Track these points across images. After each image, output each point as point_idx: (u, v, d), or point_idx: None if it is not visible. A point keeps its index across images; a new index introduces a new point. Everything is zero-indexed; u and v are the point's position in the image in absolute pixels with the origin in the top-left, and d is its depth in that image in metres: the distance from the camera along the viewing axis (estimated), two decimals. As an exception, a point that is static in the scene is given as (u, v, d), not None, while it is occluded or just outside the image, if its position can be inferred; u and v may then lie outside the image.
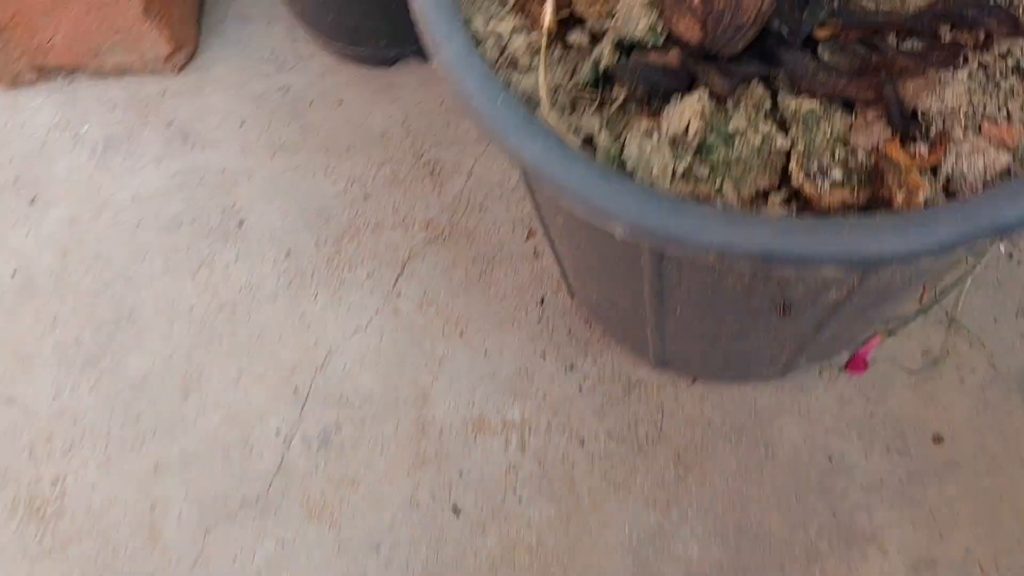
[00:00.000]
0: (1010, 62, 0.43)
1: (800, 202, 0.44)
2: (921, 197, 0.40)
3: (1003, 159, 0.41)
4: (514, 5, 0.49)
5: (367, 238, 0.95)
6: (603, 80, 0.47)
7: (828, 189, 0.42)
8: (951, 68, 0.43)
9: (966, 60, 0.43)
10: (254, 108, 1.05)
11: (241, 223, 0.98)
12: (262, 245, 0.96)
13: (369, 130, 1.01)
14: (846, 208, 0.42)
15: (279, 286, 0.94)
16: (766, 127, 0.45)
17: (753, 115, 0.45)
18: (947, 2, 0.44)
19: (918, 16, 0.44)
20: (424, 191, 0.97)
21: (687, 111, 0.44)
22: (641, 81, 0.45)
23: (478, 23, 0.48)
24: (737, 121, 0.45)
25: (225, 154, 1.02)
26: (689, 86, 0.46)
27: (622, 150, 0.45)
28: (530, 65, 0.48)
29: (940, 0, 0.45)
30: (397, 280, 0.92)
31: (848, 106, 0.45)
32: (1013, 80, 0.43)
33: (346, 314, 0.91)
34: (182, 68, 1.08)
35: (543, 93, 0.46)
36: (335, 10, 0.95)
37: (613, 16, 0.47)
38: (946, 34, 0.44)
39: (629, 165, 0.44)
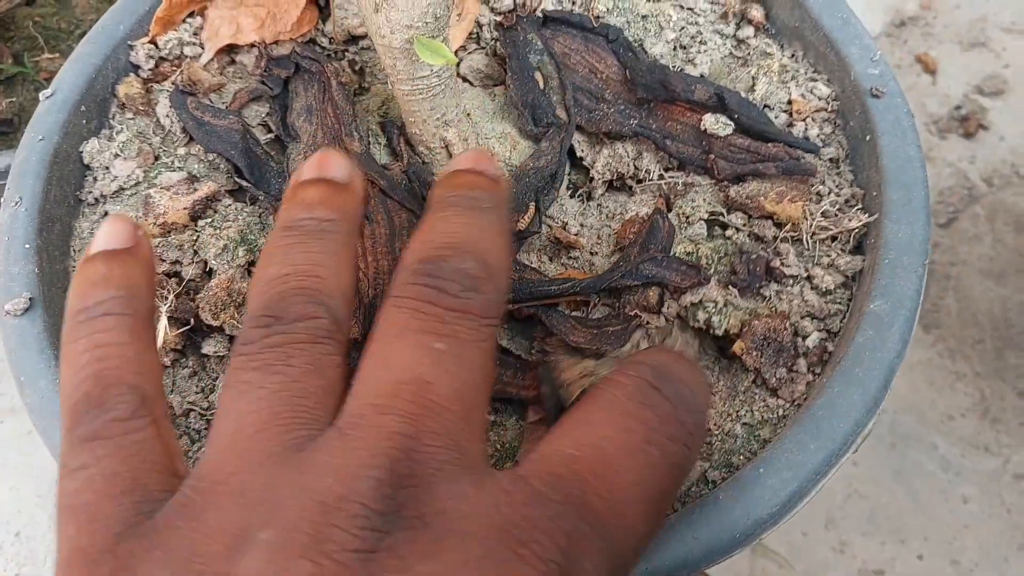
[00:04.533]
0: (702, 316, 0.37)
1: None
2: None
3: (696, 465, 0.34)
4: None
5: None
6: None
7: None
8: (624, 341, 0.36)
9: (641, 327, 0.37)
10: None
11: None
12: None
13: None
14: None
15: (7, 574, 0.80)
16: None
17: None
18: (626, 261, 0.38)
19: (598, 280, 0.37)
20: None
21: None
22: None
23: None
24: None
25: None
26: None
27: None
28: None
29: (620, 259, 0.39)
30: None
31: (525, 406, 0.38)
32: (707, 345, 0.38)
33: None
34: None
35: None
36: None
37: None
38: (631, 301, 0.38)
39: None
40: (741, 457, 0.35)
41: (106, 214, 0.43)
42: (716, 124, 0.41)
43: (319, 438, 0.22)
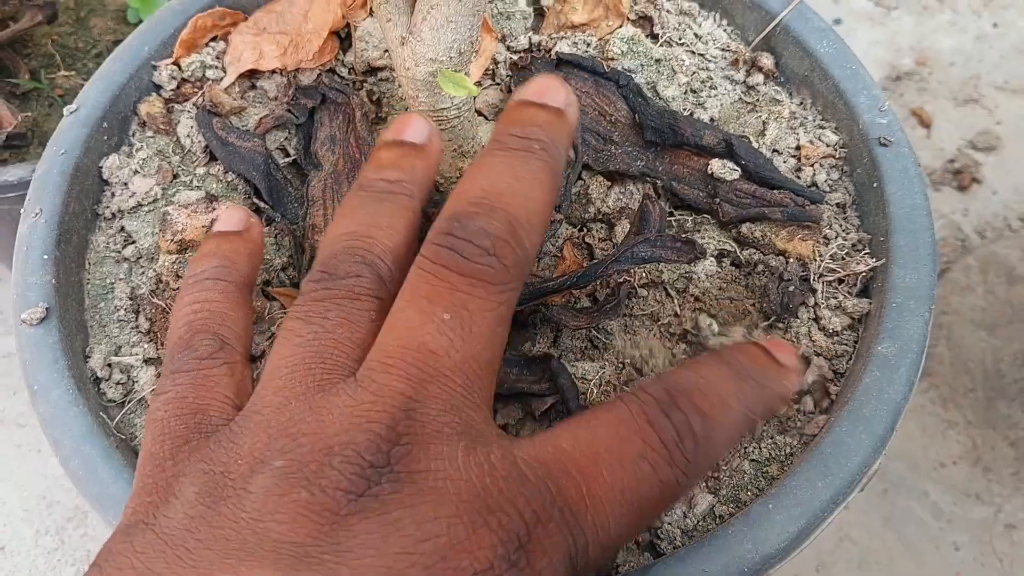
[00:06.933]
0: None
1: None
2: None
3: (705, 499, 0.35)
4: (148, 330, 0.40)
5: (97, 524, 0.79)
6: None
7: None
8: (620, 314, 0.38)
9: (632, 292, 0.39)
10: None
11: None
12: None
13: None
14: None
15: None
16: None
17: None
18: (619, 248, 0.38)
19: (594, 267, 0.37)
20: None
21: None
22: None
23: (97, 357, 0.39)
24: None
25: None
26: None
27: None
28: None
29: (615, 249, 0.40)
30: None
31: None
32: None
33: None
34: None
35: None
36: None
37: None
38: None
39: None
40: (749, 493, 0.36)
41: (122, 229, 0.43)
42: (723, 169, 0.42)
43: (340, 384, 0.25)
